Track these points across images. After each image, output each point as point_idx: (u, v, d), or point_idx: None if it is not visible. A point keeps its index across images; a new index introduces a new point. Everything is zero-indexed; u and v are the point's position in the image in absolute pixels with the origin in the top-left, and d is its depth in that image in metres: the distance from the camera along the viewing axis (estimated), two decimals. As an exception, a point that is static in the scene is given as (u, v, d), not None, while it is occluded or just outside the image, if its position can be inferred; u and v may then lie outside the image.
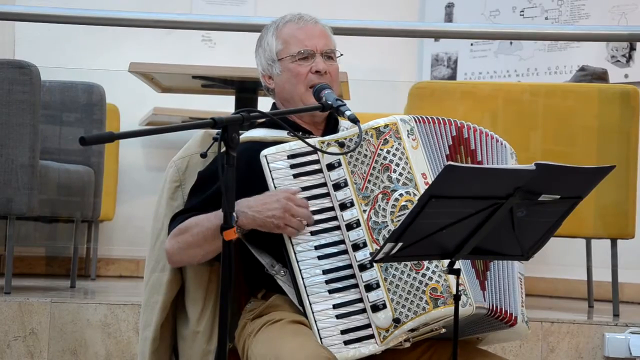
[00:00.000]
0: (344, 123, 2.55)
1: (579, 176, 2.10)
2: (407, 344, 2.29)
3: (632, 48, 5.46)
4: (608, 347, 3.49)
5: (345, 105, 2.37)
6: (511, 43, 5.95)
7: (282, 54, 2.51)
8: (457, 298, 2.13)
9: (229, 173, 2.05)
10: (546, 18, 5.86)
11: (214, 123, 2.04)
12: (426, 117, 2.39)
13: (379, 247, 2.24)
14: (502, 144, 2.46)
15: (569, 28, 5.43)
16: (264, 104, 2.64)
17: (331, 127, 2.54)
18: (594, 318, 3.88)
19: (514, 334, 2.43)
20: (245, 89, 4.64)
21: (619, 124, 3.97)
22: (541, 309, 4.20)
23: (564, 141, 4.05)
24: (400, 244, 2.04)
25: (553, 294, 5.06)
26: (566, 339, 3.54)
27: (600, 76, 4.51)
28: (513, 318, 2.34)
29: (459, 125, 2.41)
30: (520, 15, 5.95)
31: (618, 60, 5.50)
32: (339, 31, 2.71)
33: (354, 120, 2.31)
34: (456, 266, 2.13)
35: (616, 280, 3.96)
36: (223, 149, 2.06)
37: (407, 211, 2.24)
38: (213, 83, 4.75)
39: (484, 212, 2.03)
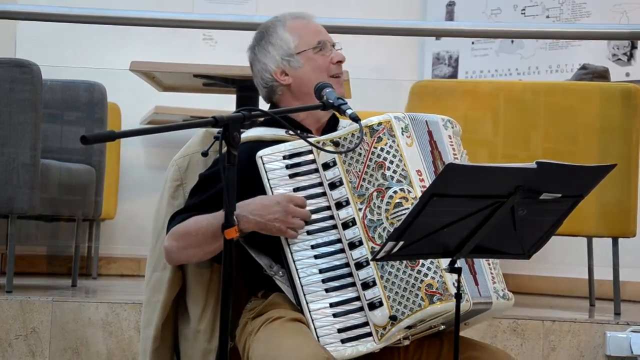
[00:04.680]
0: (342, 122, 2.54)
1: (580, 175, 2.10)
2: (407, 342, 2.29)
3: (634, 46, 5.45)
4: (609, 346, 3.49)
5: (346, 103, 2.37)
6: (512, 41, 5.94)
7: (301, 47, 2.51)
8: (458, 297, 2.13)
9: (230, 171, 2.04)
10: (547, 16, 5.85)
11: (215, 121, 2.04)
12: (413, 115, 2.39)
13: (374, 245, 2.25)
14: (434, 121, 2.42)
15: (570, 26, 5.43)
16: (265, 102, 2.63)
17: (330, 126, 2.54)
18: (595, 317, 3.88)
19: (496, 311, 2.41)
20: (246, 88, 4.63)
21: (620, 123, 3.96)
22: (542, 308, 4.19)
23: (565, 140, 4.05)
24: (401, 243, 2.04)
25: (554, 293, 5.06)
26: (567, 338, 3.54)
27: (602, 74, 4.51)
28: (487, 302, 2.33)
29: (425, 120, 2.41)
30: (522, 13, 5.94)
31: (619, 59, 5.50)
32: (341, 30, 2.72)
33: (355, 118, 2.31)
34: (457, 265, 2.12)
35: (617, 279, 3.96)
36: (224, 148, 2.06)
37: (402, 208, 2.26)
38: (214, 82, 4.74)
39: (485, 210, 2.03)
